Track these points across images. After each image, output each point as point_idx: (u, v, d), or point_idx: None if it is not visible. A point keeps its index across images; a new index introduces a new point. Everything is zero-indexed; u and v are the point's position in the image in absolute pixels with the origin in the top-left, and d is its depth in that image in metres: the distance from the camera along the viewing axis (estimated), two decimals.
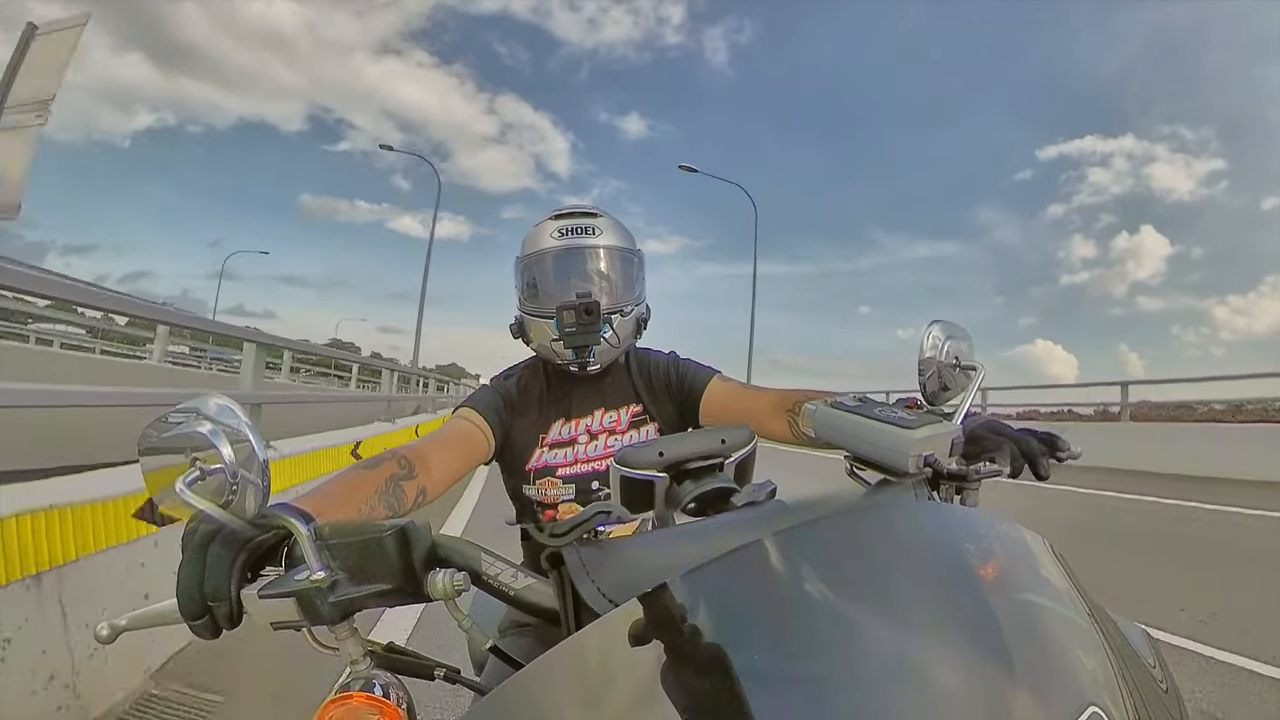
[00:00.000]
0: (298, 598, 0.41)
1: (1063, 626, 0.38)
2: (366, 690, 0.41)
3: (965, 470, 0.58)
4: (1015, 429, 0.65)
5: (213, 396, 0.44)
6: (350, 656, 0.44)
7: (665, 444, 0.55)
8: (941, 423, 0.60)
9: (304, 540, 0.43)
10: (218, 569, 0.43)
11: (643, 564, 0.42)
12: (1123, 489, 6.00)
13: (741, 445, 0.57)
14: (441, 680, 0.47)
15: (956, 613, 0.36)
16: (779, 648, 0.33)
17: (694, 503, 0.54)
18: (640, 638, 0.33)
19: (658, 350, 1.13)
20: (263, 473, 0.43)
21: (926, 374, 0.67)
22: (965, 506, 0.57)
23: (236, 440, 0.43)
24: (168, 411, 0.44)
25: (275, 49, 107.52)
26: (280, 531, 0.45)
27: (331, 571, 0.42)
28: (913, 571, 0.39)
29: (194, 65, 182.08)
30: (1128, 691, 0.35)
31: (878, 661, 0.33)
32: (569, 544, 0.42)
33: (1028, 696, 0.32)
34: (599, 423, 1.04)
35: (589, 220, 1.02)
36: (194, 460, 0.43)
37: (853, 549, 0.39)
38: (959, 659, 0.34)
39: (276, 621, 0.43)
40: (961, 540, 0.42)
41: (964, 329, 0.69)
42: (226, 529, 0.44)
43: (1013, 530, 0.44)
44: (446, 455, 0.87)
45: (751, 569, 0.36)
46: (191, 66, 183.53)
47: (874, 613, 0.35)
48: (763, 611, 0.35)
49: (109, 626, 0.49)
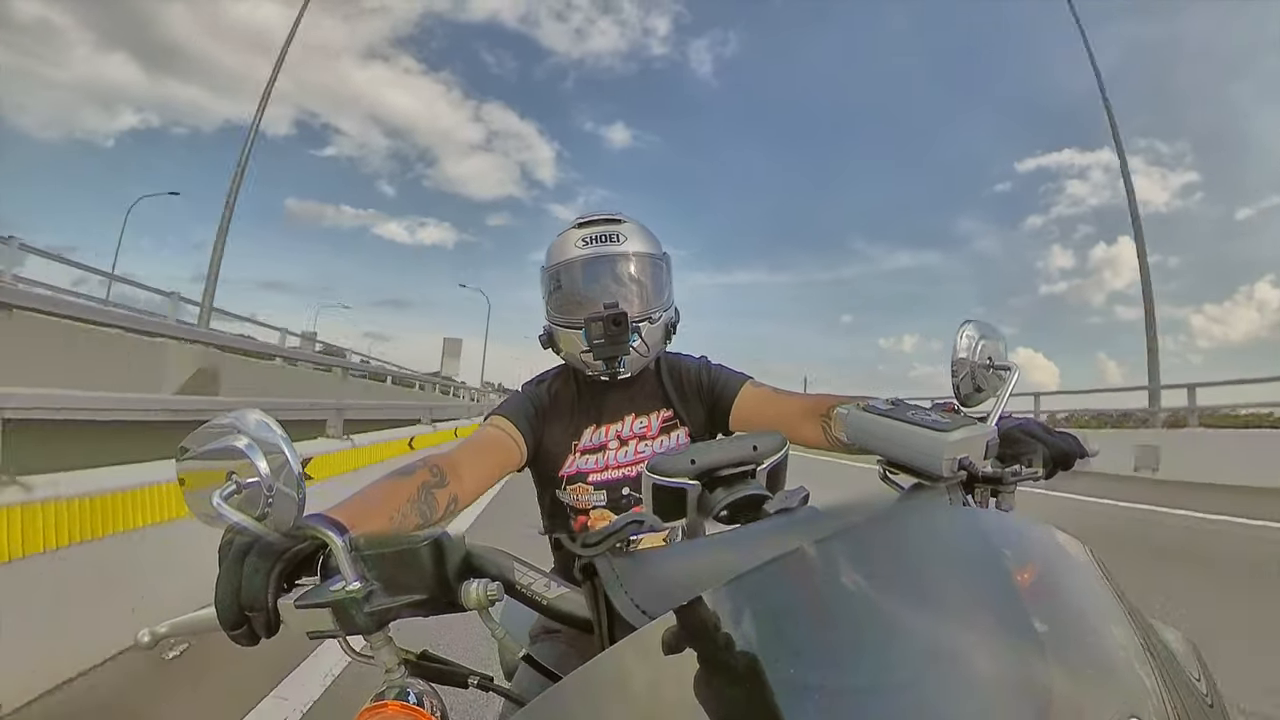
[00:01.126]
0: (333, 608, 0.42)
1: (1103, 634, 0.37)
2: (401, 698, 0.41)
3: (1000, 473, 0.56)
4: (1046, 429, 0.64)
5: (248, 410, 0.45)
6: (385, 665, 0.44)
7: (697, 451, 0.55)
8: (975, 425, 0.58)
9: (339, 551, 0.43)
10: (254, 580, 0.44)
11: (677, 575, 0.42)
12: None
13: (773, 452, 0.56)
14: (475, 688, 0.47)
15: (995, 621, 0.36)
16: (815, 659, 0.32)
17: (726, 510, 0.53)
18: (676, 651, 0.33)
19: (689, 355, 1.11)
20: (298, 485, 0.44)
21: (960, 375, 0.66)
22: (1001, 510, 0.55)
23: (271, 453, 0.43)
24: (204, 425, 0.45)
25: (262, 52, 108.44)
26: (316, 542, 0.46)
27: (367, 582, 0.43)
28: (950, 579, 0.38)
29: (180, 66, 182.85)
30: (1170, 702, 0.34)
31: (915, 672, 0.32)
32: (602, 554, 0.42)
33: (1067, 706, 0.31)
34: (629, 428, 1.03)
35: (613, 227, 1.01)
36: (230, 474, 0.43)
37: (889, 557, 0.38)
38: (997, 668, 0.33)
39: (313, 631, 0.44)
40: (999, 546, 0.41)
41: (997, 328, 0.67)
42: (262, 541, 0.45)
43: (1051, 535, 0.42)
44: (477, 463, 0.88)
45: (787, 580, 0.35)
46: (177, 67, 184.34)
47: (911, 622, 0.35)
48: (799, 622, 0.34)
49: (150, 633, 0.50)
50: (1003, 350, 0.67)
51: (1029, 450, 0.62)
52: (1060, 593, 0.40)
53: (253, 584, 0.44)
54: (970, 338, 0.66)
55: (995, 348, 0.66)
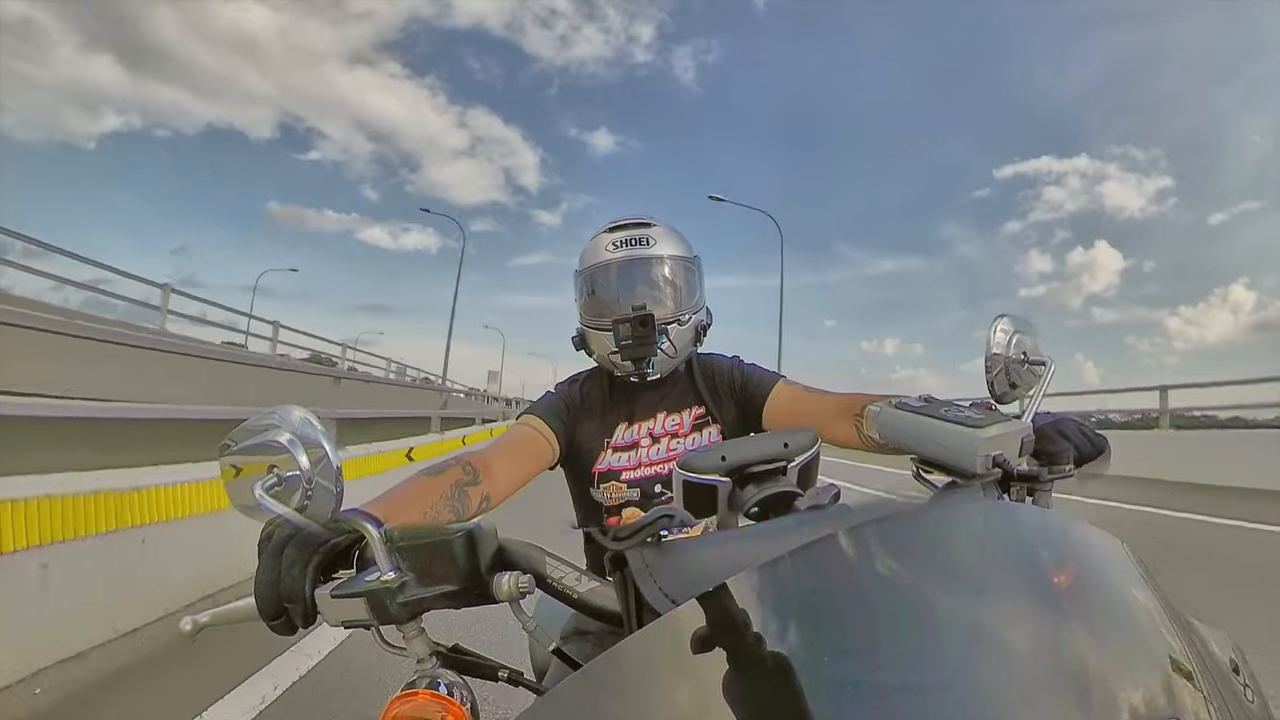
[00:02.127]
0: (368, 598, 0.43)
1: (1141, 634, 0.36)
2: (432, 688, 0.42)
3: (1036, 471, 0.55)
4: (1081, 427, 0.62)
5: (292, 407, 0.47)
6: (417, 655, 0.45)
7: (728, 448, 0.55)
8: (1010, 421, 0.57)
9: (375, 542, 0.44)
10: (293, 571, 0.45)
11: (707, 564, 0.41)
12: None
13: (805, 449, 0.56)
14: (504, 681, 0.48)
15: (1031, 619, 0.35)
16: (843, 651, 0.32)
17: (757, 507, 0.53)
18: (702, 637, 0.32)
19: (720, 354, 1.12)
20: (336, 479, 0.45)
21: (994, 371, 0.64)
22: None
23: (312, 447, 0.45)
24: (248, 419, 0.47)
25: (247, 55, 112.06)
26: (353, 535, 0.47)
27: (401, 573, 0.44)
28: (987, 574, 0.37)
29: (164, 69, 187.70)
30: (1210, 704, 0.33)
31: (947, 670, 0.31)
32: (632, 546, 0.42)
33: (1104, 707, 0.30)
34: (661, 425, 1.03)
35: (644, 230, 1.02)
36: (271, 467, 0.45)
37: (922, 550, 0.37)
38: (1035, 668, 0.32)
39: (348, 620, 0.45)
40: (1036, 542, 0.40)
41: (1031, 322, 0.66)
42: (301, 532, 0.46)
43: (1089, 532, 0.41)
44: (510, 461, 0.89)
45: (816, 568, 0.35)
46: (161, 70, 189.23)
47: (943, 618, 0.34)
48: (829, 612, 0.34)
49: (192, 622, 0.52)
50: (1037, 344, 0.65)
51: (1065, 448, 0.60)
52: (1100, 591, 0.38)
53: (291, 575, 0.45)
54: (1005, 332, 0.64)
55: (1030, 342, 0.65)
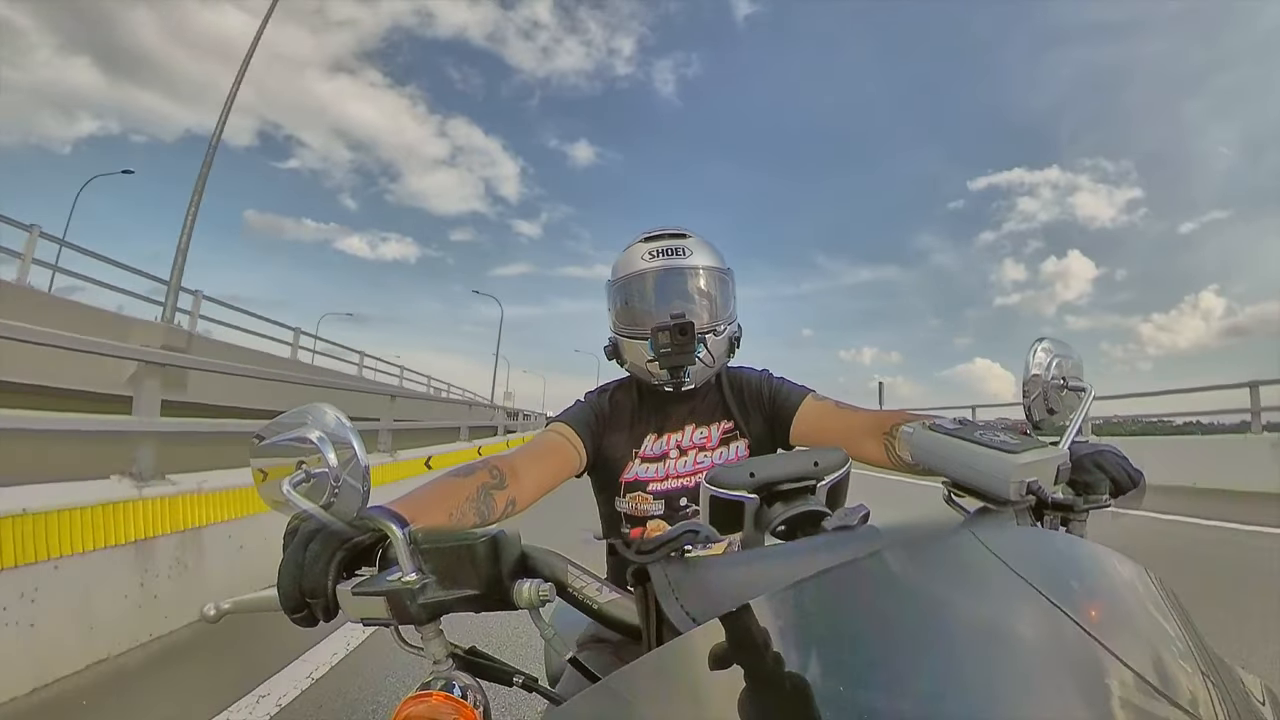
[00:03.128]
0: (388, 597, 0.43)
1: (1172, 668, 0.35)
2: (446, 690, 0.42)
3: (1072, 500, 0.53)
4: (1120, 459, 0.60)
5: (324, 405, 0.48)
6: (434, 656, 0.45)
7: (756, 465, 0.54)
8: (1046, 448, 0.55)
9: (399, 543, 0.45)
10: (316, 566, 0.46)
11: (730, 584, 0.41)
12: None
13: (835, 468, 0.55)
14: (519, 687, 0.48)
15: (1060, 650, 0.33)
16: (867, 678, 0.31)
17: (784, 525, 0.52)
18: (721, 658, 0.32)
19: (750, 367, 1.12)
20: (363, 477, 0.46)
21: (1032, 395, 0.62)
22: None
23: (341, 446, 0.46)
24: (279, 416, 0.48)
25: (226, 61, 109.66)
26: (377, 533, 0.48)
27: (423, 574, 0.44)
28: (1015, 603, 0.36)
29: (142, 73, 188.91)
30: None
31: (970, 698, 0.30)
32: (655, 561, 0.42)
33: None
34: (689, 438, 1.03)
35: (680, 241, 1.02)
36: (300, 463, 0.46)
37: (949, 577, 0.36)
38: (1061, 699, 0.31)
39: (367, 618, 0.45)
40: (1067, 571, 0.39)
41: (1071, 347, 0.64)
42: (327, 529, 0.47)
43: (1120, 563, 0.40)
44: (537, 467, 0.89)
45: (841, 593, 0.34)
46: (140, 74, 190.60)
47: (967, 648, 0.33)
48: (851, 640, 0.33)
49: (215, 608, 0.52)
50: (1077, 369, 0.63)
51: (1102, 480, 0.58)
52: (1130, 623, 0.37)
53: (314, 569, 0.45)
54: (1045, 354, 0.62)
55: (1070, 366, 0.62)
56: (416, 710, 0.41)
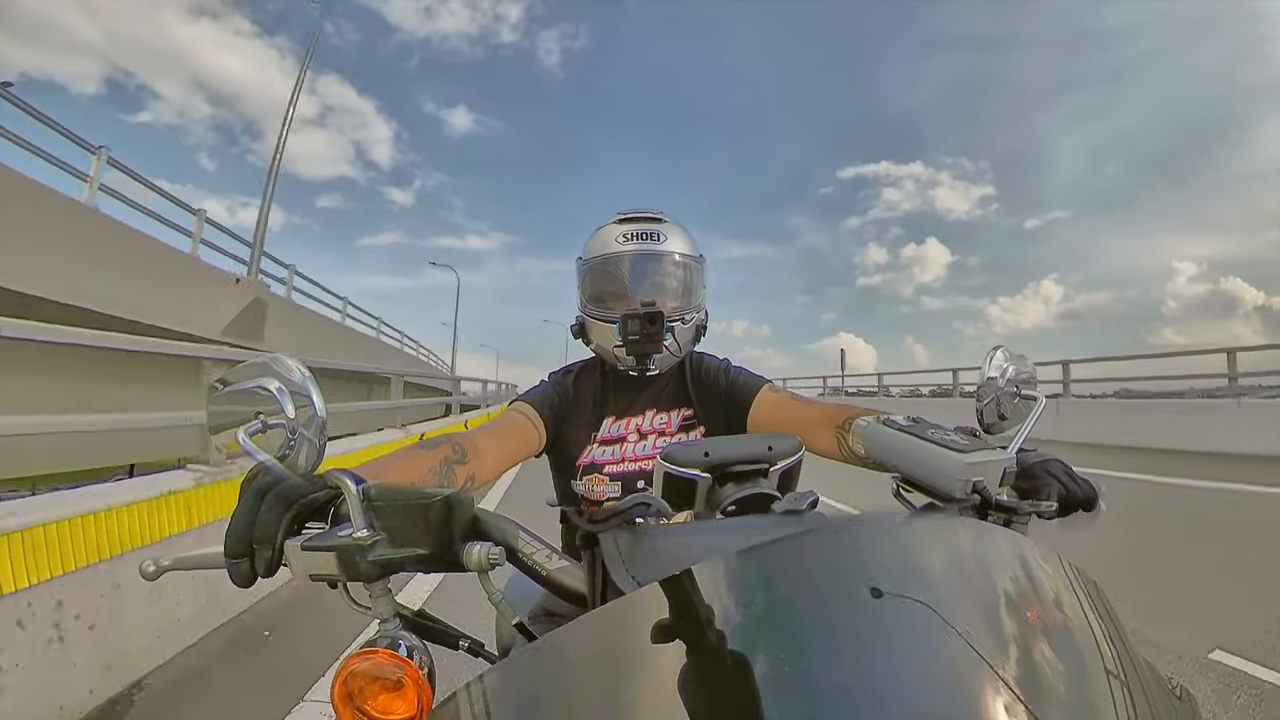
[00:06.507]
0: (338, 552, 0.43)
1: (1082, 655, 0.37)
2: (391, 648, 0.42)
3: (1016, 504, 0.55)
4: (1068, 471, 0.62)
5: (285, 355, 0.47)
6: (381, 615, 0.45)
7: (712, 445, 0.55)
8: (994, 450, 0.57)
9: (352, 498, 0.45)
10: (267, 517, 0.45)
11: (675, 551, 0.42)
12: None
13: (789, 454, 0.56)
14: (465, 651, 0.48)
15: (988, 635, 0.35)
16: (802, 648, 0.32)
17: (734, 505, 0.53)
18: (662, 620, 0.33)
19: (712, 355, 1.13)
20: (321, 433, 0.45)
21: (985, 400, 0.64)
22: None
23: (299, 399, 0.45)
24: (240, 365, 0.47)
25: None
26: (332, 491, 0.47)
27: (374, 531, 0.44)
28: (950, 587, 0.37)
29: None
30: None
31: (898, 673, 0.31)
32: (607, 530, 0.42)
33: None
34: (650, 423, 1.04)
35: (655, 225, 1.02)
36: (258, 413, 0.45)
37: (886, 558, 0.38)
38: (983, 683, 0.32)
39: (315, 574, 0.45)
40: (1003, 563, 0.41)
41: (1025, 357, 0.66)
42: (282, 483, 0.46)
43: (1045, 554, 0.42)
44: (497, 445, 0.90)
45: (782, 564, 0.35)
46: None
47: (899, 624, 0.34)
48: (787, 609, 0.34)
49: (154, 564, 0.51)
50: (1030, 379, 0.65)
51: (1047, 487, 0.60)
52: (1057, 619, 0.39)
53: (266, 520, 0.45)
54: (1000, 362, 0.64)
55: (1023, 375, 0.65)
56: (361, 666, 0.41)
